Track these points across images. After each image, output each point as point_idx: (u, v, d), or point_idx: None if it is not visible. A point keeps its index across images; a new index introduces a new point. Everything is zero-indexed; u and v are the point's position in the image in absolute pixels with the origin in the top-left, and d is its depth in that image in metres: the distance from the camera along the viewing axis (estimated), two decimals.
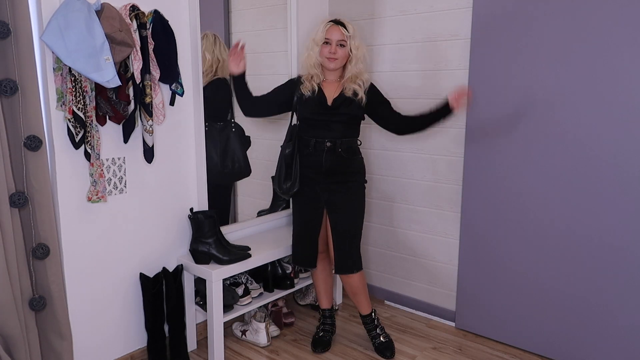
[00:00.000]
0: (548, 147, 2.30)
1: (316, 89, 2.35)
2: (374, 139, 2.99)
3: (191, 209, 2.38)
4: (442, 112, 2.28)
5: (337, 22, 2.31)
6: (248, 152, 2.73)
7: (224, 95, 2.66)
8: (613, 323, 2.23)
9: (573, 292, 2.32)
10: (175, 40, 2.16)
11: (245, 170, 2.70)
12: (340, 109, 2.33)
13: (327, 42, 2.30)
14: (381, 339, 2.52)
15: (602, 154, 2.17)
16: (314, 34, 2.34)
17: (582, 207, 2.25)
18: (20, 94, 1.77)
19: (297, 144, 2.38)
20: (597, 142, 2.18)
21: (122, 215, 2.21)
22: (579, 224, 2.26)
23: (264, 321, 2.58)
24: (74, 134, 1.91)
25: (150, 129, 2.10)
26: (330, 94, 2.36)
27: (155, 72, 2.09)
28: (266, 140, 3.01)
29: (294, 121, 2.43)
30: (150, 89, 2.06)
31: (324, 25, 2.33)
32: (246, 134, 2.74)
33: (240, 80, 2.34)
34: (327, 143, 2.33)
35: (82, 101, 1.89)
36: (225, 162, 2.64)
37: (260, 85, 2.99)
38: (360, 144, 2.44)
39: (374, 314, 2.57)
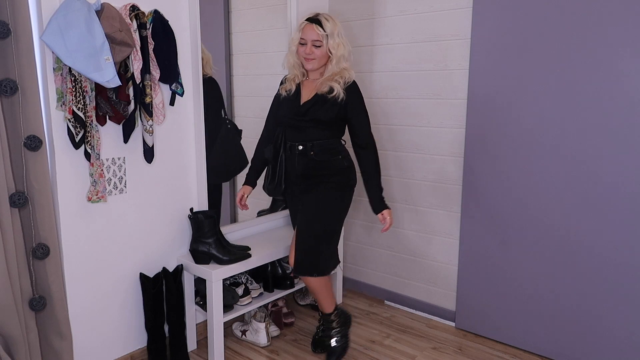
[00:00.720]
0: (548, 147, 2.30)
1: (293, 89, 2.29)
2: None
3: (191, 209, 2.38)
4: (371, 199, 2.31)
5: (313, 20, 2.19)
6: (246, 149, 2.74)
7: (215, 93, 2.64)
8: (612, 323, 2.23)
9: (573, 292, 2.32)
10: (175, 40, 2.16)
11: (244, 163, 2.69)
12: (310, 112, 2.22)
13: (302, 43, 2.21)
14: (332, 342, 2.41)
15: (602, 156, 2.17)
16: (293, 33, 2.29)
17: (581, 207, 2.25)
18: (20, 94, 1.77)
19: (276, 146, 2.33)
20: (597, 143, 2.18)
21: (122, 215, 2.21)
22: (578, 224, 2.27)
23: (264, 321, 2.58)
24: (74, 134, 1.91)
25: (151, 129, 2.10)
26: (306, 95, 2.27)
27: (155, 72, 2.09)
28: None
29: None
30: (150, 89, 2.06)
31: (300, 23, 2.24)
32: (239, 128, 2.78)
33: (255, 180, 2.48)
34: (298, 147, 2.26)
35: (82, 101, 1.89)
36: (226, 160, 2.64)
37: (260, 85, 3.00)
38: (345, 143, 2.34)
39: (335, 316, 2.42)
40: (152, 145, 2.14)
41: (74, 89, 1.87)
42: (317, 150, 2.24)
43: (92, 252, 2.13)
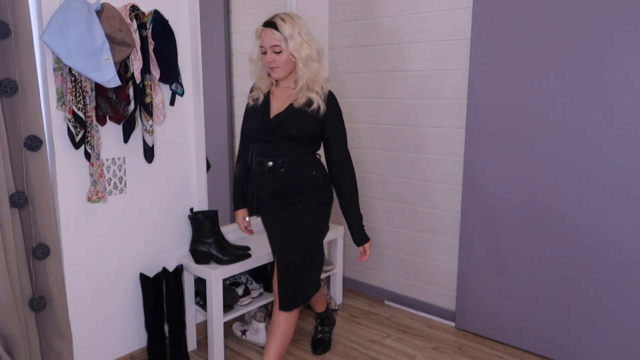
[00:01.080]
0: (548, 147, 2.30)
1: (261, 98, 2.05)
2: (374, 138, 2.99)
3: (191, 209, 2.38)
4: (351, 229, 2.13)
5: (268, 24, 1.92)
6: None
7: None
8: (613, 323, 2.23)
9: (573, 292, 2.32)
10: (175, 40, 2.16)
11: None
12: (282, 127, 1.98)
13: (264, 52, 1.96)
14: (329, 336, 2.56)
15: (603, 154, 2.17)
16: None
17: (582, 207, 2.25)
18: (20, 94, 1.77)
19: (247, 162, 2.14)
20: (598, 142, 2.18)
21: (122, 215, 2.21)
22: (579, 223, 2.27)
23: (264, 321, 2.58)
24: (74, 134, 1.91)
25: (151, 129, 2.10)
26: (277, 106, 2.02)
27: (155, 72, 2.09)
28: None
29: None
30: (150, 89, 2.06)
31: (256, 30, 1.98)
32: None
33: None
34: (268, 163, 2.02)
35: (82, 101, 1.89)
36: None
37: None
38: (320, 157, 2.13)
39: (327, 312, 2.56)
40: (153, 145, 2.15)
41: (74, 89, 1.87)
42: (288, 166, 2.01)
43: (92, 252, 2.13)
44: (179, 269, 2.37)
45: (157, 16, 2.08)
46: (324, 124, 1.99)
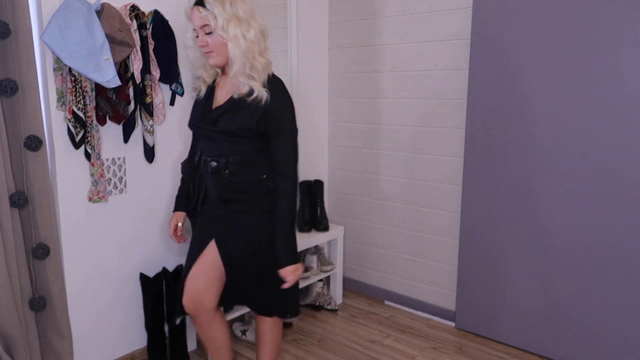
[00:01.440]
0: (548, 147, 2.30)
1: (203, 90, 1.86)
2: (374, 138, 2.99)
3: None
4: (277, 246, 1.79)
5: (197, 3, 1.70)
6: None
7: None
8: (613, 323, 2.23)
9: (573, 292, 2.32)
10: (175, 40, 2.16)
11: None
12: (220, 121, 1.75)
13: (197, 35, 1.74)
14: None
15: (603, 154, 2.17)
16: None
17: (582, 207, 2.25)
18: (20, 94, 1.77)
19: (193, 161, 1.95)
20: (598, 143, 2.18)
21: (122, 215, 2.21)
22: (578, 224, 2.26)
23: None
24: (74, 134, 1.91)
25: (151, 129, 2.10)
26: (221, 97, 1.80)
27: (155, 72, 2.09)
28: None
29: None
30: (151, 89, 2.06)
31: (185, 11, 1.79)
32: None
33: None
34: (211, 163, 1.79)
35: (82, 101, 1.89)
36: None
37: None
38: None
39: None
40: (153, 145, 2.15)
41: (74, 89, 1.87)
42: (233, 167, 1.76)
43: (92, 252, 2.13)
44: (179, 269, 2.37)
45: (157, 16, 2.08)
46: (267, 116, 1.71)
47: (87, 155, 1.97)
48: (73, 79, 1.86)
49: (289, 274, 1.78)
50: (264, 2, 2.95)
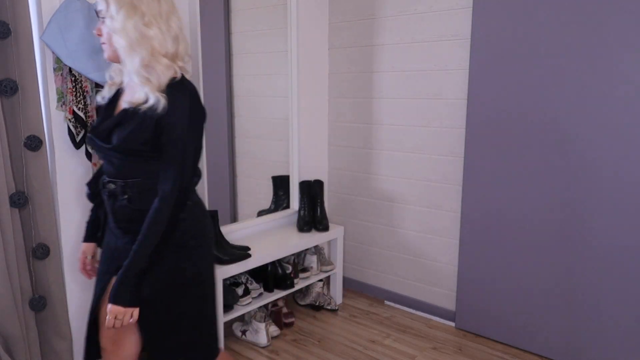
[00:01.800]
0: (548, 147, 2.30)
1: (106, 95, 1.54)
2: (374, 138, 2.99)
3: None
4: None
5: None
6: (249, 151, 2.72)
7: None
8: (612, 323, 2.23)
9: (573, 292, 2.32)
10: None
11: None
12: (113, 136, 1.42)
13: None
14: None
15: (604, 154, 2.17)
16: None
17: (581, 207, 2.25)
18: (20, 94, 1.77)
19: (96, 180, 1.62)
20: (598, 142, 2.18)
21: None
22: (578, 224, 2.27)
23: (264, 321, 2.57)
24: (75, 134, 1.91)
25: None
26: (120, 106, 1.47)
27: None
28: (262, 140, 3.02)
29: None
30: None
31: None
32: None
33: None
34: (109, 185, 1.48)
35: (82, 101, 1.89)
36: None
37: (260, 85, 3.00)
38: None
39: None
40: None
41: (74, 89, 1.87)
42: (131, 192, 1.45)
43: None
44: None
45: None
46: (160, 124, 1.37)
47: (88, 156, 1.97)
48: (73, 79, 1.86)
49: (113, 313, 1.38)
50: (264, 2, 2.95)
